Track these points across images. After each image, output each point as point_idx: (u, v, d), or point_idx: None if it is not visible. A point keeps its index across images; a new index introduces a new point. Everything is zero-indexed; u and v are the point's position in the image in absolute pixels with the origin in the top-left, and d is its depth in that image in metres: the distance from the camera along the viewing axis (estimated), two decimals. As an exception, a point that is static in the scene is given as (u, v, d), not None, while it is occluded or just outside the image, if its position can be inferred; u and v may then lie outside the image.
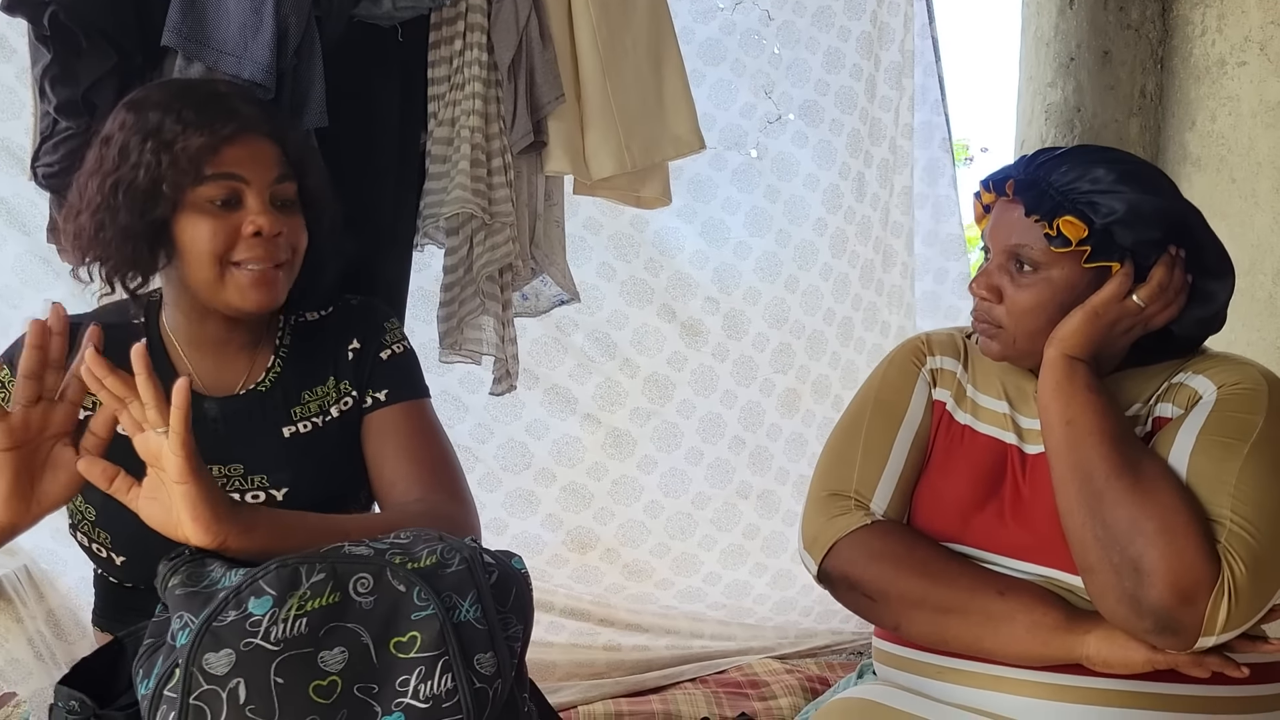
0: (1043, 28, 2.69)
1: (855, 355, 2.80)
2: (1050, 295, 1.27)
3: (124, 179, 1.26)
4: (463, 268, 1.86)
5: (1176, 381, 1.29)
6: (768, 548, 2.80)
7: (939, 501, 1.35)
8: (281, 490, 1.34)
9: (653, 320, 2.65)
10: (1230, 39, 2.42)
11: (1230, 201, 2.37)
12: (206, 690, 0.99)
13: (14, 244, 2.11)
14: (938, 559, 1.28)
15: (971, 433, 1.38)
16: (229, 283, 1.30)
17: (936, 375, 1.43)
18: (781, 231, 2.71)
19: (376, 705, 1.03)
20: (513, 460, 2.61)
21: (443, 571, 1.10)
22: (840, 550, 1.33)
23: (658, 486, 2.71)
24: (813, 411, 2.79)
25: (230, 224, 1.28)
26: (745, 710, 2.23)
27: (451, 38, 1.82)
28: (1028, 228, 1.27)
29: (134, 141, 1.27)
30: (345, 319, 1.47)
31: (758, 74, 2.64)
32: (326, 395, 1.41)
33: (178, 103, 1.29)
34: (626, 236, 2.61)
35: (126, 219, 1.26)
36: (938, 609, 1.25)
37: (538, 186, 1.97)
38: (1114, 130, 2.59)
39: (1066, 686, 1.20)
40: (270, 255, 1.30)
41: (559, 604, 2.61)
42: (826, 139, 2.69)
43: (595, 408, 2.64)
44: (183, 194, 1.26)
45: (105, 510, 1.29)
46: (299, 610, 1.03)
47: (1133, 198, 1.22)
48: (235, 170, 1.28)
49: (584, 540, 2.68)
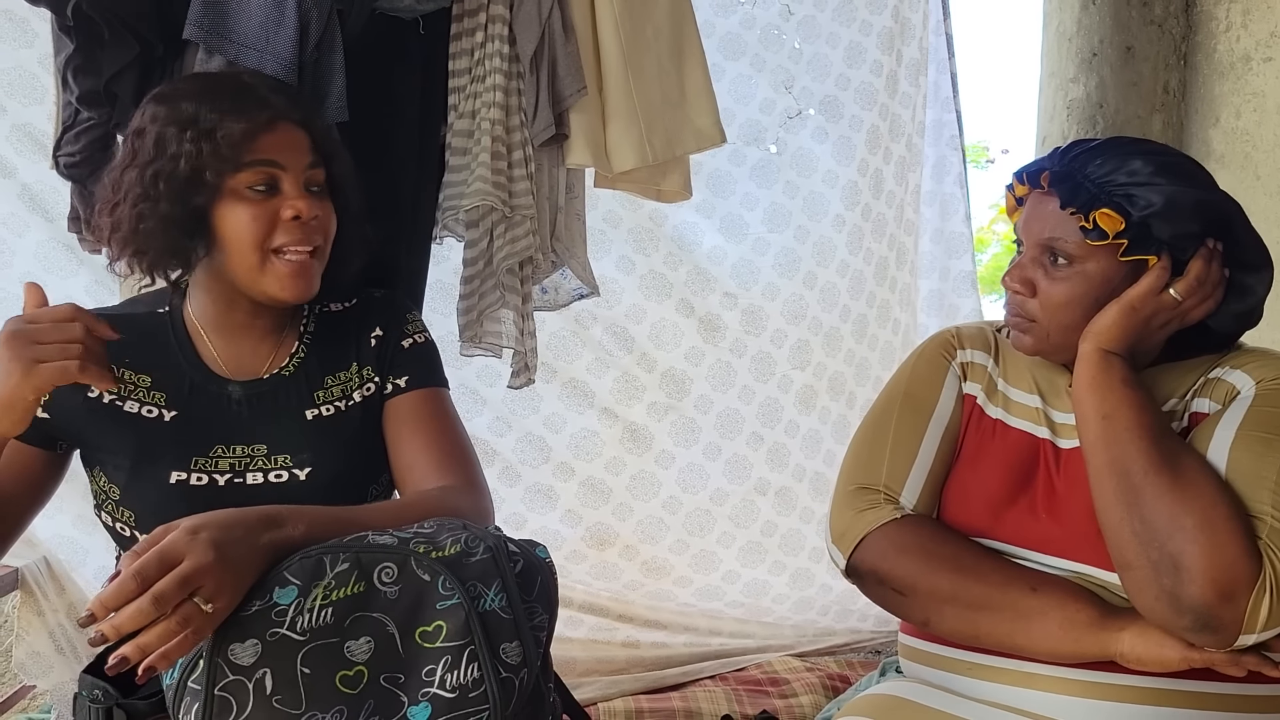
0: (1065, 23, 2.67)
1: (869, 352, 2.79)
2: (1085, 289, 1.25)
3: (164, 169, 1.27)
4: (483, 260, 1.86)
5: (1213, 377, 1.28)
6: (786, 545, 2.79)
7: (969, 496, 1.33)
8: (304, 470, 1.35)
9: (671, 315, 2.65)
10: (1255, 35, 2.40)
11: (1255, 198, 2.35)
12: (232, 681, 0.99)
13: (37, 230, 2.12)
14: (969, 554, 1.26)
15: (1003, 427, 1.36)
16: (269, 271, 1.32)
17: (967, 369, 1.42)
18: (800, 228, 2.70)
19: (403, 695, 1.03)
20: (531, 454, 2.60)
21: (467, 560, 1.09)
22: (869, 544, 1.30)
23: (676, 482, 2.71)
24: (829, 408, 2.78)
25: (269, 210, 1.30)
26: (766, 708, 2.22)
27: (473, 29, 1.81)
28: (1063, 220, 1.25)
29: (170, 132, 1.28)
30: (368, 309, 1.49)
31: (778, 69, 2.63)
32: (349, 380, 1.42)
33: (210, 93, 1.31)
34: (646, 230, 2.60)
35: (169, 208, 1.27)
36: (969, 605, 1.23)
37: (559, 179, 1.96)
38: (1136, 126, 2.56)
39: (1099, 684, 1.18)
40: (308, 239, 1.33)
41: (577, 599, 2.61)
42: (846, 135, 2.68)
43: (613, 401, 2.63)
44: (224, 181, 1.28)
45: (129, 489, 1.30)
46: (324, 600, 1.02)
47: (1170, 190, 1.20)
48: (273, 157, 1.30)
49: (603, 536, 2.67)
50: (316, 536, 1.09)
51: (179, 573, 0.96)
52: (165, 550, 0.98)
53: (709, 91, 2.02)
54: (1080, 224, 1.23)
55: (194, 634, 0.96)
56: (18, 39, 2.05)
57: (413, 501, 1.30)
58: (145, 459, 1.30)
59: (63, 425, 1.32)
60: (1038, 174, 1.29)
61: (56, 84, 1.67)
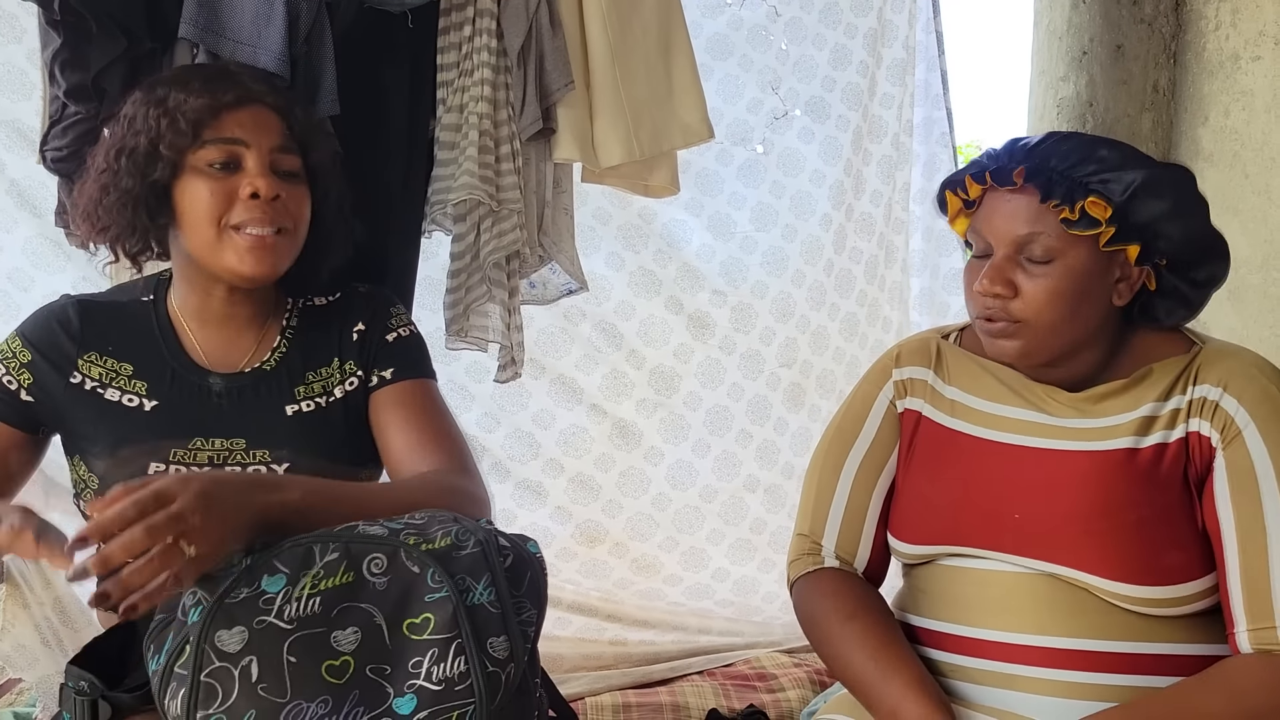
0: (1055, 21, 2.68)
1: (859, 350, 2.79)
2: (1070, 282, 1.23)
3: (127, 145, 1.29)
4: (470, 255, 1.86)
5: (1199, 396, 1.25)
6: (775, 543, 2.79)
7: (931, 507, 1.34)
8: (282, 466, 1.35)
9: (660, 312, 2.65)
10: (1244, 33, 2.41)
11: (1244, 197, 2.36)
12: (218, 668, 0.99)
13: (25, 226, 2.11)
14: (852, 623, 1.31)
15: (959, 435, 1.35)
16: (227, 246, 1.31)
17: (907, 386, 1.41)
18: (788, 226, 2.70)
19: (389, 686, 1.03)
20: (520, 450, 2.60)
21: (457, 554, 1.09)
22: (796, 593, 1.42)
23: (665, 479, 2.71)
24: (818, 406, 2.78)
25: (228, 186, 1.30)
26: (753, 703, 2.22)
27: (461, 24, 1.81)
28: (1041, 214, 1.22)
29: (140, 112, 1.30)
30: (350, 304, 1.48)
31: (765, 70, 2.63)
32: (330, 376, 1.42)
33: (186, 76, 1.33)
34: (635, 228, 2.60)
35: (128, 182, 1.29)
36: (839, 672, 1.32)
37: (546, 174, 1.96)
38: (1126, 125, 2.57)
39: (1080, 684, 1.19)
40: (269, 218, 1.31)
41: (566, 599, 2.60)
42: (832, 135, 2.68)
43: (602, 398, 2.63)
44: (182, 157, 1.29)
45: (107, 478, 1.30)
46: (312, 589, 1.02)
47: (1143, 173, 1.21)
48: (235, 134, 1.30)
49: (593, 533, 2.68)
50: (312, 506, 1.11)
51: (171, 509, 0.99)
52: (160, 488, 1.00)
53: (697, 87, 2.02)
54: (1063, 216, 1.21)
55: (174, 579, 0.99)
56: (5, 34, 2.04)
57: (409, 483, 1.30)
58: (124, 448, 1.30)
59: (45, 410, 1.32)
60: (1003, 171, 1.25)
61: (44, 78, 1.66)
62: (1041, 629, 1.22)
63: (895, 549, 1.39)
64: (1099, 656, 1.20)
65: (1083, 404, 1.29)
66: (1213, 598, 1.21)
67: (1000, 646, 1.23)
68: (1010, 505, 1.27)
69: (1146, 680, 1.18)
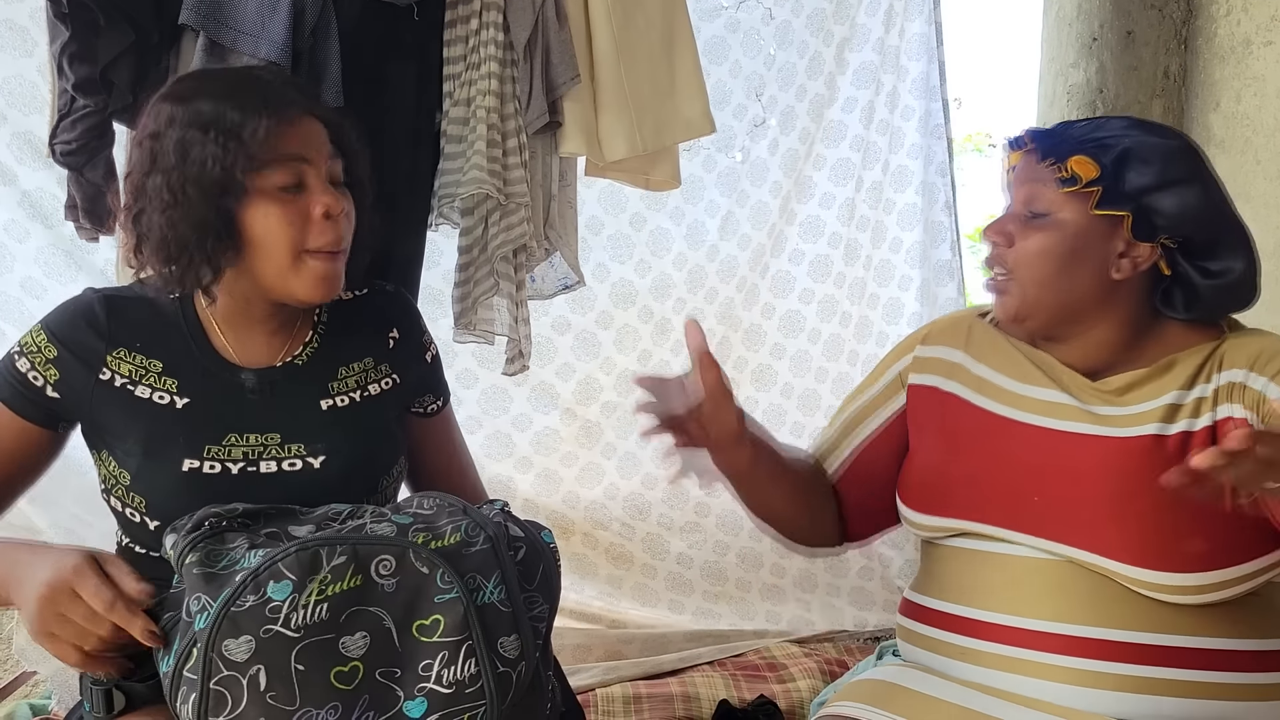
0: (1065, 8, 2.66)
1: (840, 329, 2.80)
2: (1059, 239, 1.27)
3: (192, 173, 1.21)
4: (477, 248, 1.86)
5: (1227, 382, 1.25)
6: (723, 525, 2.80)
7: (947, 480, 1.35)
8: (319, 460, 1.32)
9: (633, 321, 2.69)
10: (1256, 19, 2.39)
11: (1255, 184, 2.34)
12: (226, 676, 0.99)
13: (37, 237, 2.13)
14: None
15: (985, 412, 1.35)
16: (303, 273, 1.27)
17: (925, 364, 1.44)
18: (744, 236, 2.71)
19: (399, 690, 1.03)
20: (497, 450, 2.67)
21: (466, 551, 1.09)
22: None
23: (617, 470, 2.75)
24: (792, 385, 2.80)
25: (299, 209, 1.25)
26: (764, 693, 2.23)
27: (467, 17, 1.81)
28: (1040, 173, 1.29)
29: (193, 135, 1.22)
30: (380, 304, 1.46)
31: (752, 75, 2.62)
32: (365, 373, 1.40)
33: (228, 92, 1.26)
34: (624, 237, 2.64)
35: (202, 213, 1.22)
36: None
37: (552, 167, 1.96)
38: (1136, 111, 2.55)
39: (1095, 673, 1.19)
40: (340, 237, 1.28)
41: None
42: (794, 147, 2.67)
43: (574, 402, 2.69)
44: (253, 180, 1.23)
45: (140, 476, 1.27)
46: (320, 595, 1.02)
47: (1142, 138, 1.25)
48: (299, 151, 1.26)
49: (564, 526, 2.71)
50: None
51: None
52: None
53: (699, 81, 2.02)
54: (1058, 174, 1.26)
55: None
56: (17, 48, 2.05)
57: None
58: (157, 446, 1.26)
59: (71, 407, 1.29)
60: (1019, 138, 1.34)
61: (52, 71, 1.66)
62: (1058, 615, 1.22)
63: (907, 519, 1.40)
64: (1115, 645, 1.20)
65: (1107, 391, 1.29)
66: (1234, 589, 1.19)
67: (1015, 631, 1.23)
68: (1031, 486, 1.27)
69: (1163, 671, 1.18)
